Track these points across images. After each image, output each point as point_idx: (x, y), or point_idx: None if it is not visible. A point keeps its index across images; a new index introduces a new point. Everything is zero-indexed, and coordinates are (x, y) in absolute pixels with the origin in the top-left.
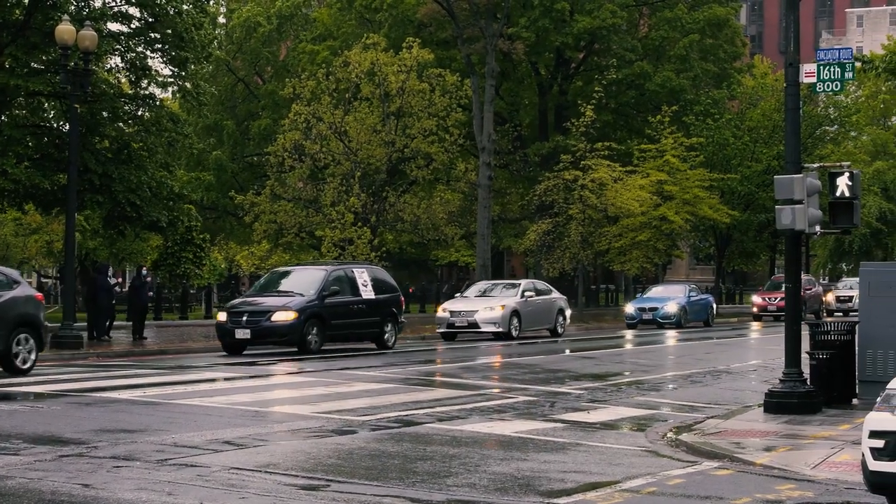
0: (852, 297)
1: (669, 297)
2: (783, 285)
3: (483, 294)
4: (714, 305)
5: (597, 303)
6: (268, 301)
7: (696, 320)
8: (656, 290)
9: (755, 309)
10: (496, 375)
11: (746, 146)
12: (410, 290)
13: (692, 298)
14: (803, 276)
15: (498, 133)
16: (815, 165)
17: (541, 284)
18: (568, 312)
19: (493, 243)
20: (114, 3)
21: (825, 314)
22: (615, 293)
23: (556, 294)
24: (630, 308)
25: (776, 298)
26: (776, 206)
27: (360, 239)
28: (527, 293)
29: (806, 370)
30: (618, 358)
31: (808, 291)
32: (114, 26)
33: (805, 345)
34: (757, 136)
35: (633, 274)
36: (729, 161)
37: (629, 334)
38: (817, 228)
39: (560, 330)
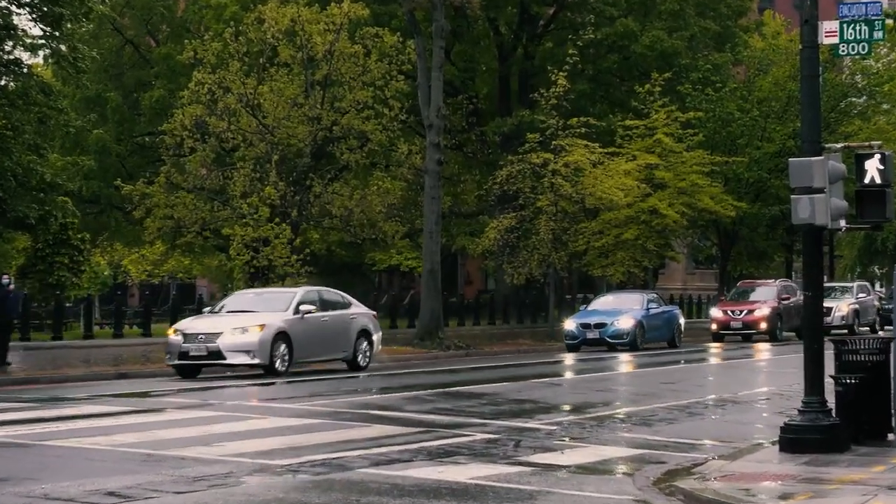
0: (831, 309)
1: (622, 309)
2: (752, 293)
3: (241, 309)
4: (681, 321)
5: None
6: None
7: (658, 339)
8: (605, 301)
9: (714, 326)
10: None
11: (755, 122)
12: None
13: (652, 311)
14: (779, 282)
15: (449, 107)
16: (839, 146)
17: (330, 294)
18: (376, 336)
19: (443, 243)
20: None
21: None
22: None
23: (356, 308)
24: (571, 324)
25: (742, 312)
26: (791, 196)
27: (278, 239)
28: (304, 307)
29: (830, 398)
30: (597, 386)
31: (786, 301)
32: None
33: (829, 367)
34: (768, 110)
35: (616, 281)
36: (734, 141)
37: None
38: (842, 223)
39: (363, 361)
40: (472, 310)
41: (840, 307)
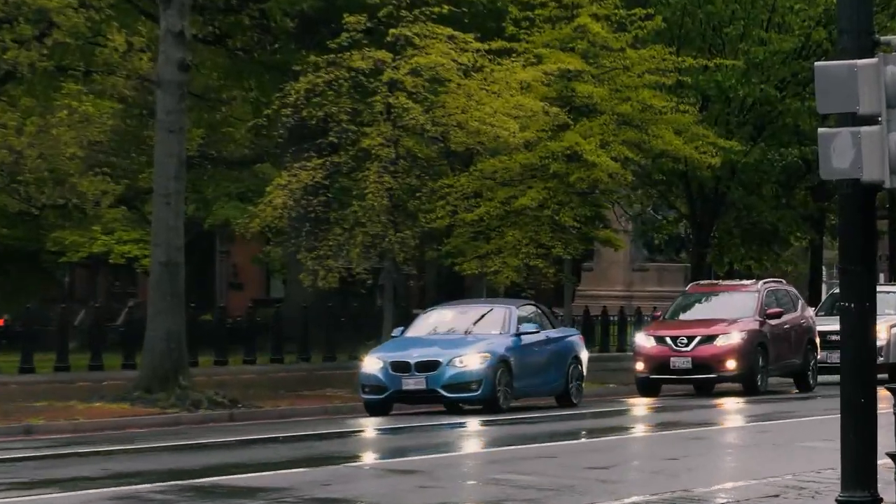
0: None
1: (467, 338)
2: (709, 307)
3: None
4: (583, 357)
5: None
6: None
7: (536, 392)
8: (439, 318)
9: (640, 366)
10: None
11: None
12: (1, 322)
13: (527, 340)
14: (763, 285)
15: None
16: None
17: None
18: None
19: (190, 215)
20: None
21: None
22: None
23: None
24: (374, 364)
25: (692, 340)
26: (820, 132)
27: None
28: None
29: (887, 493)
30: (462, 472)
31: (775, 321)
32: None
33: (884, 435)
34: None
35: (505, 284)
36: (718, 30)
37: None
38: None
39: None
40: (241, 336)
41: (877, 331)
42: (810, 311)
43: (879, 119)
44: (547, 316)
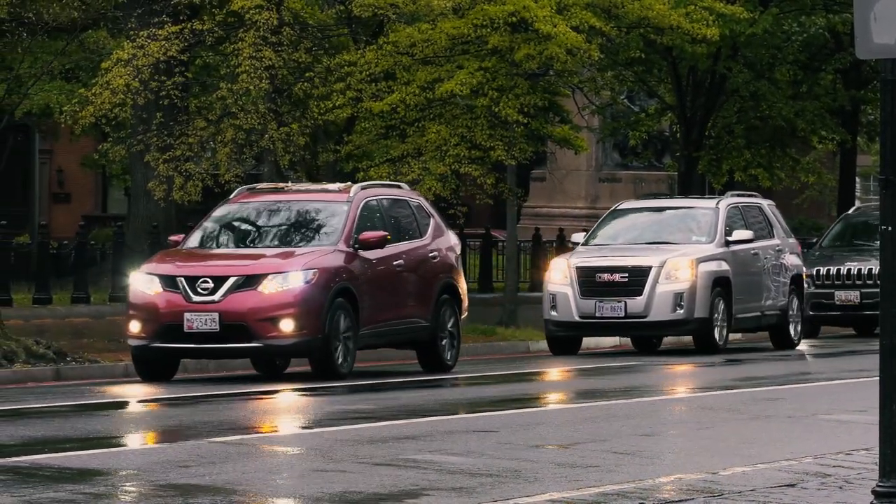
0: (638, 272)
1: None
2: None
3: None
4: None
5: None
6: None
7: None
8: None
9: (136, 327)
10: None
11: None
12: None
13: None
14: (372, 190)
15: None
16: None
17: None
18: None
19: None
20: None
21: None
22: None
23: None
24: None
25: (223, 284)
26: None
27: None
28: None
29: None
30: None
31: (375, 255)
32: None
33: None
34: None
35: (427, 197)
36: None
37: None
38: None
39: None
40: (70, 265)
41: (671, 269)
42: (453, 239)
43: None
44: None
